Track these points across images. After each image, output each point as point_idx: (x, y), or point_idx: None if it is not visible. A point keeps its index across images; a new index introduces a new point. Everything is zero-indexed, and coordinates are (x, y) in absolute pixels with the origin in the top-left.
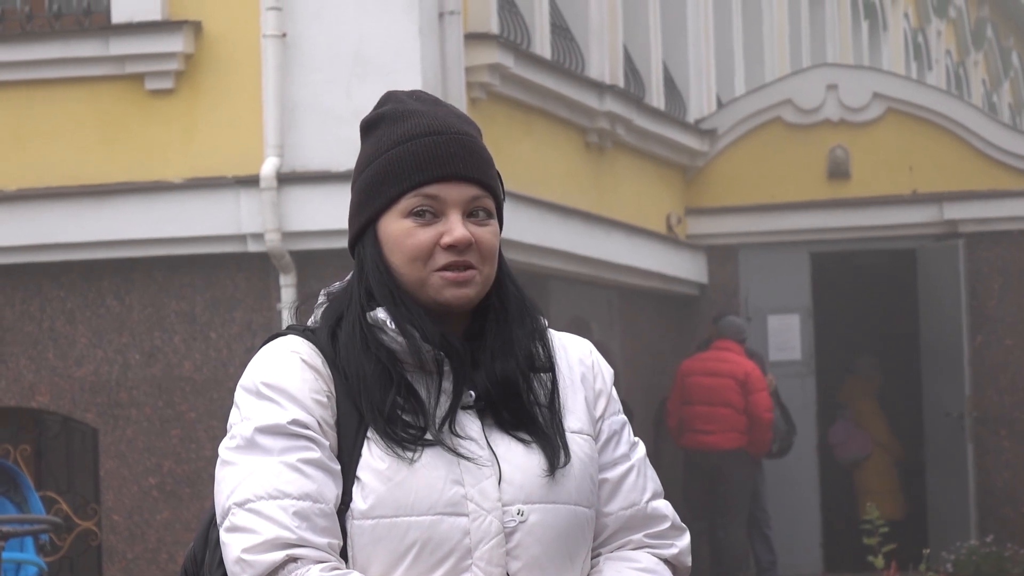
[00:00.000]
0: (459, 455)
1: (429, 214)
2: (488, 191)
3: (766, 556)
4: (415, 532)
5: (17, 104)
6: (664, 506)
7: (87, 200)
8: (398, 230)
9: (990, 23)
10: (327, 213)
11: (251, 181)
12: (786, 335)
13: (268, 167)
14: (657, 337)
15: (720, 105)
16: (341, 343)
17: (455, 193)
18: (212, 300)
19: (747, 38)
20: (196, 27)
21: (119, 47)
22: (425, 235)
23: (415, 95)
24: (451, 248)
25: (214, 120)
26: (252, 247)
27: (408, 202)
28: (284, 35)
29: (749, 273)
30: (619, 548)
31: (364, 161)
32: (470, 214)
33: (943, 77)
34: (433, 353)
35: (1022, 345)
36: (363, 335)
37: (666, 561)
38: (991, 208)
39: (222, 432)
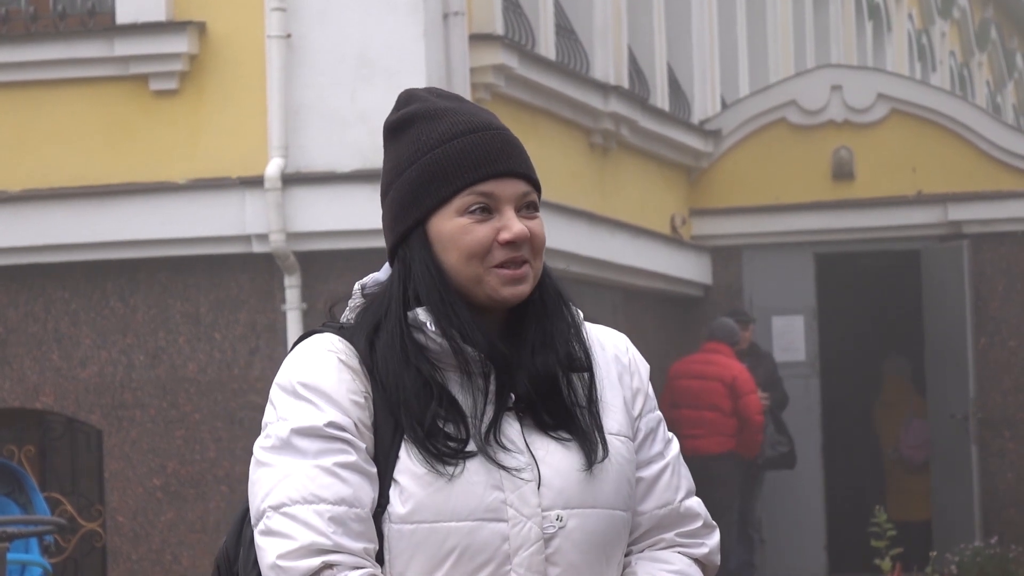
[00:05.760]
0: (500, 465)
1: (484, 211)
2: (534, 186)
3: (743, 556)
4: (455, 538)
5: (21, 105)
6: (697, 504)
7: (91, 201)
8: (454, 228)
9: (994, 24)
10: (332, 214)
11: (255, 182)
12: (790, 336)
13: (272, 168)
14: (661, 338)
15: (724, 106)
16: (379, 353)
17: (508, 189)
18: (216, 301)
19: (751, 39)
20: (200, 28)
21: (123, 48)
22: (483, 231)
23: (435, 92)
24: (509, 244)
25: (218, 121)
26: (256, 248)
27: (463, 200)
28: (289, 36)
29: (753, 274)
30: (651, 547)
31: (402, 162)
32: (519, 209)
33: (947, 78)
34: (478, 357)
35: None
36: (403, 344)
37: (696, 560)
38: (995, 209)
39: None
